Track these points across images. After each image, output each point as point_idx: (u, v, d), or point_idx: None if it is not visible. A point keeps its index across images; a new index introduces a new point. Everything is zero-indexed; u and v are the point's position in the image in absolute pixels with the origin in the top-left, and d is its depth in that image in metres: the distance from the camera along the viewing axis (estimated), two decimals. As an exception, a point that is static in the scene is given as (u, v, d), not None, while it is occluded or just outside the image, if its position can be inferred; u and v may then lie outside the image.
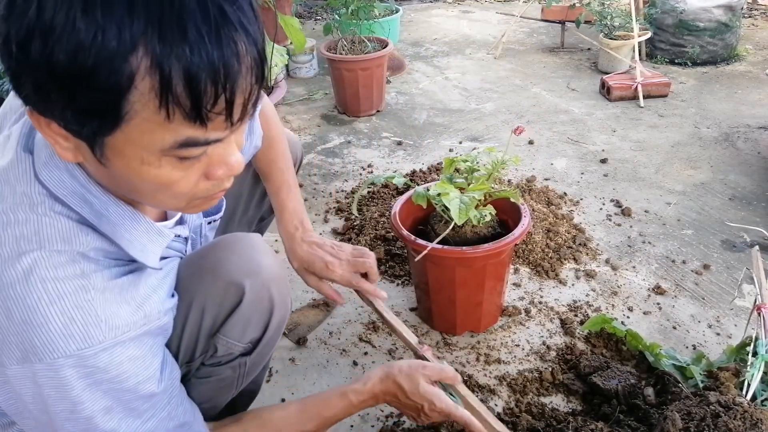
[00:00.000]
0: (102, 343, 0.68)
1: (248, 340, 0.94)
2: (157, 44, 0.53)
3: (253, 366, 1.00)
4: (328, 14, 4.43)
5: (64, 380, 0.67)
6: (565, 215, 2.13)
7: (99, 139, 0.60)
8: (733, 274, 1.83)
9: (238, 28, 0.56)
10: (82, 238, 0.70)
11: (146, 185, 0.65)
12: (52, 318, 0.65)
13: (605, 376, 1.41)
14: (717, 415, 1.11)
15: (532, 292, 1.79)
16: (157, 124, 0.58)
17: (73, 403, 0.68)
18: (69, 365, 0.66)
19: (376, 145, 2.79)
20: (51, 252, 0.67)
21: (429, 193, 1.48)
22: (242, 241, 0.94)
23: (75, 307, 0.67)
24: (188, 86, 0.55)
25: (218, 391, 0.98)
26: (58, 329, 0.65)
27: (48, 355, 0.65)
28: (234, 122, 0.61)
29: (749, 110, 2.95)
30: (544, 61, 3.80)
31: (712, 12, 3.49)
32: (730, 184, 2.32)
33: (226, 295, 0.89)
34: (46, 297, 0.65)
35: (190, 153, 0.62)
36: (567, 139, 2.75)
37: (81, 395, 0.68)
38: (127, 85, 0.55)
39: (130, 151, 0.61)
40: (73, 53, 0.53)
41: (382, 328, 1.67)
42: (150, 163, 0.62)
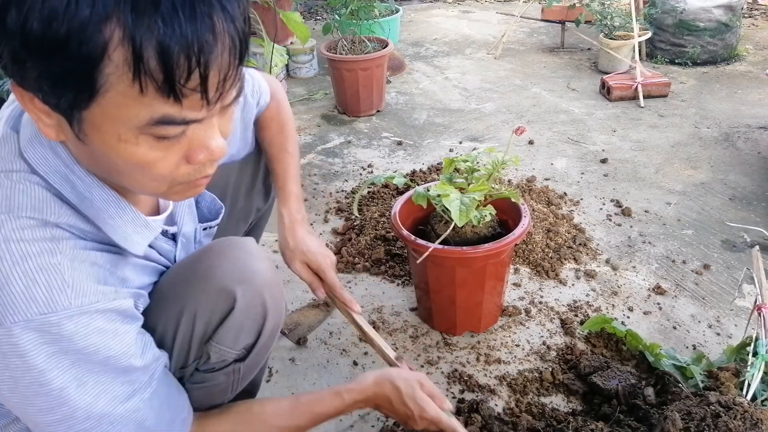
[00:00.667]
0: (67, 309, 0.64)
1: (241, 347, 0.93)
2: (129, 15, 0.53)
3: (247, 371, 0.99)
4: (328, 14, 4.43)
5: (27, 347, 0.63)
6: (565, 215, 2.13)
7: (76, 113, 0.60)
8: (733, 274, 1.83)
9: (215, 4, 0.56)
10: (55, 209, 0.68)
11: (124, 164, 0.64)
12: (13, 279, 0.63)
13: (605, 376, 1.41)
14: (717, 415, 1.11)
15: (532, 292, 1.79)
16: (131, 98, 0.57)
17: (40, 372, 0.65)
18: (31, 329, 0.63)
19: (376, 145, 2.79)
20: (18, 216, 0.65)
21: (429, 194, 1.48)
22: (235, 246, 0.93)
23: (39, 269, 0.64)
24: (160, 59, 0.55)
25: (213, 396, 0.97)
26: (20, 291, 0.63)
27: (8, 318, 0.62)
28: (210, 100, 0.61)
29: (749, 110, 2.95)
30: (544, 61, 3.80)
31: (712, 12, 3.49)
32: (730, 184, 2.32)
33: (217, 302, 0.88)
34: (9, 257, 0.63)
35: (167, 132, 0.62)
36: (567, 139, 2.75)
37: (46, 364, 0.65)
38: (100, 55, 0.55)
39: (107, 126, 0.60)
40: (46, 21, 0.54)
41: (382, 328, 1.67)
42: (127, 140, 0.61)
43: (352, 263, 1.93)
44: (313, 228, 2.15)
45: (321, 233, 2.12)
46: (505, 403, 1.42)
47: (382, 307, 1.75)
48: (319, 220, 2.20)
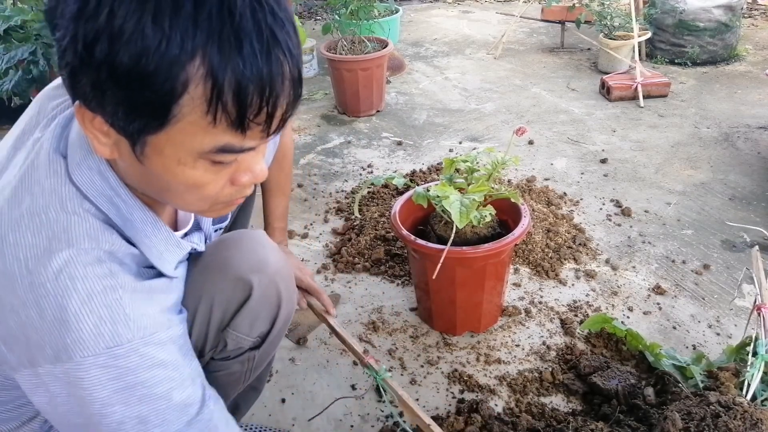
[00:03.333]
0: (131, 342, 0.68)
1: (257, 334, 0.97)
2: (215, 55, 0.58)
3: (260, 360, 1.02)
4: (327, 14, 4.43)
5: (94, 380, 0.67)
6: (565, 215, 2.13)
7: (142, 137, 0.63)
8: (733, 274, 1.83)
9: (285, 50, 0.61)
10: (108, 237, 0.72)
11: (178, 185, 0.68)
12: (82, 317, 0.66)
13: (605, 376, 1.41)
14: (717, 415, 1.11)
15: (532, 292, 1.79)
16: (201, 128, 0.61)
17: (103, 405, 0.68)
18: (99, 365, 0.67)
19: (376, 145, 2.79)
20: (79, 250, 0.68)
21: (429, 194, 1.48)
22: (247, 238, 0.97)
23: (104, 306, 0.67)
24: (237, 96, 0.59)
25: (227, 385, 1.00)
26: (89, 328, 0.66)
27: (78, 354, 0.66)
28: (270, 133, 0.66)
29: (749, 110, 2.95)
30: (544, 61, 3.80)
31: (712, 12, 3.49)
32: (730, 184, 2.33)
33: (234, 291, 0.92)
34: (76, 296, 0.66)
35: (225, 158, 0.66)
36: (567, 139, 2.75)
37: (111, 398, 0.68)
38: (181, 91, 0.59)
39: (169, 150, 0.64)
40: (137, 57, 0.57)
41: (382, 328, 1.67)
42: (186, 163, 0.66)
43: (352, 263, 1.93)
44: (313, 228, 2.15)
45: (321, 233, 2.12)
46: (505, 403, 1.42)
47: (382, 307, 1.75)
48: (319, 220, 2.20)
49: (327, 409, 1.42)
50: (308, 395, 1.47)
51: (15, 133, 0.80)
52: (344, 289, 1.84)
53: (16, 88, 2.13)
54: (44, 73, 2.15)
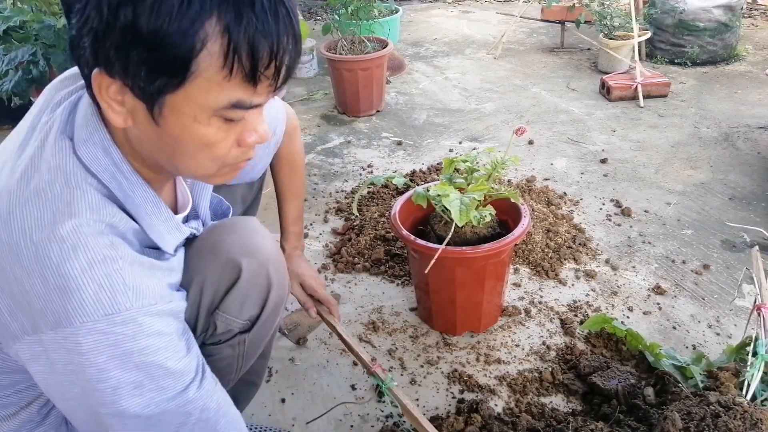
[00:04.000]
0: (129, 310, 0.70)
1: (246, 317, 0.98)
2: (230, 12, 0.63)
3: (251, 346, 1.02)
4: (327, 14, 4.43)
5: (92, 345, 0.69)
6: (565, 215, 2.13)
7: (161, 97, 0.68)
8: (732, 274, 1.83)
9: (288, 8, 0.67)
10: (109, 210, 0.74)
11: (192, 144, 0.72)
12: (83, 285, 0.69)
13: (605, 376, 1.41)
14: (717, 415, 1.11)
15: (532, 292, 1.79)
16: (216, 84, 0.66)
17: (99, 371, 0.70)
18: (97, 330, 0.69)
19: (376, 145, 2.79)
20: (81, 222, 0.71)
21: (429, 194, 1.48)
22: (240, 223, 0.99)
23: (104, 275, 0.70)
24: (251, 50, 0.65)
25: (219, 372, 0.99)
26: (89, 296, 0.69)
27: (77, 319, 0.68)
28: (276, 87, 0.71)
29: (749, 110, 2.95)
30: (544, 61, 3.80)
31: (712, 12, 3.49)
32: (730, 184, 2.33)
33: (224, 272, 0.93)
34: (78, 265, 0.69)
35: (236, 114, 0.71)
36: (567, 139, 2.75)
37: (108, 363, 0.70)
38: (200, 47, 0.64)
39: (186, 108, 0.69)
40: (160, 17, 0.62)
41: (382, 328, 1.67)
42: (201, 121, 0.70)
43: (352, 263, 1.93)
44: (313, 228, 2.15)
45: (321, 233, 2.12)
46: (504, 403, 1.42)
47: (381, 307, 1.75)
48: (318, 220, 2.20)
49: (327, 413, 1.42)
50: (308, 395, 1.47)
51: (26, 123, 0.82)
52: (344, 289, 1.84)
53: (16, 89, 2.13)
54: (44, 74, 2.14)
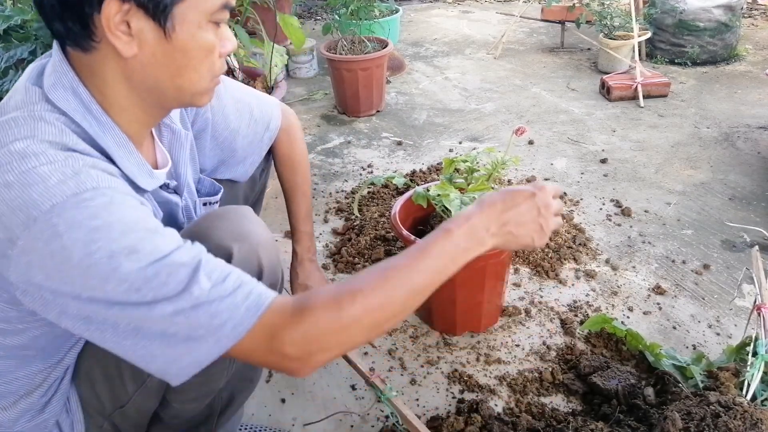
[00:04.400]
0: (96, 189, 0.70)
1: None
2: None
3: None
4: (327, 14, 4.43)
5: (68, 223, 0.67)
6: (565, 215, 2.13)
7: (171, 9, 0.75)
8: (733, 274, 1.83)
9: None
10: (74, 139, 0.75)
11: (197, 53, 0.80)
12: (46, 176, 0.69)
13: (605, 376, 1.41)
14: (717, 415, 1.11)
15: (532, 292, 1.79)
16: None
17: (85, 245, 0.67)
18: (69, 206, 0.68)
19: (376, 145, 2.79)
20: (42, 140, 0.73)
21: (429, 194, 1.48)
22: (233, 211, 0.99)
23: (67, 167, 0.71)
24: None
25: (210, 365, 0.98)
26: (53, 182, 0.69)
27: (46, 202, 0.67)
28: None
29: (749, 110, 2.95)
30: (544, 61, 3.80)
31: (712, 12, 3.49)
32: (730, 184, 2.33)
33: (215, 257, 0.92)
34: (37, 161, 0.70)
35: (223, 15, 0.81)
36: (567, 139, 2.75)
37: (91, 235, 0.68)
38: None
39: (192, 15, 0.77)
40: None
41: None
42: (203, 27, 0.79)
43: (352, 263, 1.93)
44: (314, 228, 2.15)
45: (321, 233, 2.12)
46: (505, 403, 1.42)
47: (382, 307, 1.75)
48: (319, 220, 2.20)
49: (327, 418, 1.42)
50: (308, 395, 1.47)
51: None
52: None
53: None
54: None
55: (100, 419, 0.98)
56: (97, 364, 0.95)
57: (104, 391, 0.96)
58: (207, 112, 1.10)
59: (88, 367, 0.95)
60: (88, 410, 0.97)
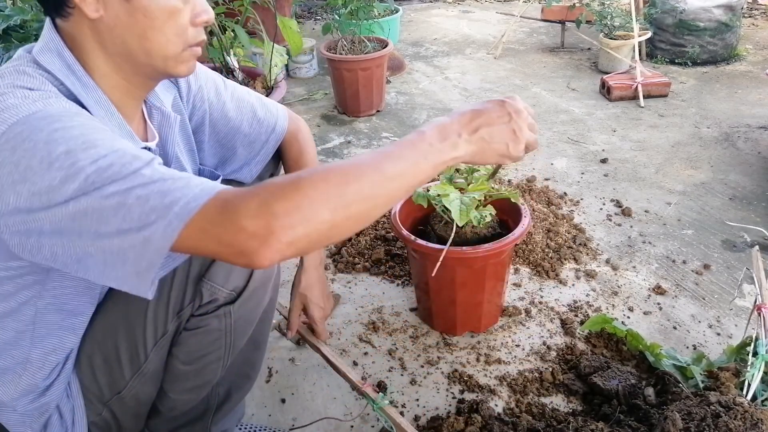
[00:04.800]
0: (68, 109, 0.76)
1: (232, 287, 0.96)
2: None
3: (239, 323, 1.01)
4: (327, 14, 4.43)
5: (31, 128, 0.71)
6: (566, 215, 2.13)
7: None
8: (733, 274, 1.83)
9: None
10: (54, 91, 0.79)
11: (159, 14, 0.81)
12: (17, 101, 0.74)
13: (605, 376, 1.41)
14: (717, 415, 1.11)
15: (533, 293, 1.79)
16: None
17: (46, 144, 0.70)
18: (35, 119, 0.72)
19: (376, 145, 2.79)
20: (22, 86, 0.77)
21: (429, 194, 1.48)
22: None
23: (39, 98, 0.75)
24: None
25: (207, 347, 1.00)
26: (23, 104, 0.74)
27: (14, 117, 0.72)
28: None
29: (749, 110, 2.95)
30: (544, 61, 3.80)
31: (712, 12, 3.49)
32: (730, 184, 2.32)
33: None
34: (12, 96, 0.75)
35: None
36: (567, 139, 2.75)
37: (52, 136, 0.71)
38: None
39: None
40: None
41: (382, 328, 1.67)
42: None
43: (352, 263, 1.93)
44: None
45: (321, 233, 2.12)
46: (505, 403, 1.42)
47: (382, 307, 1.75)
48: (319, 220, 2.20)
49: (323, 419, 1.42)
50: (308, 395, 1.47)
51: None
52: (344, 289, 1.84)
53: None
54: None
55: (99, 406, 0.99)
56: (97, 350, 0.96)
57: (103, 377, 0.97)
58: (204, 104, 1.10)
59: (89, 352, 0.96)
60: (87, 396, 0.98)
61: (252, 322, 1.06)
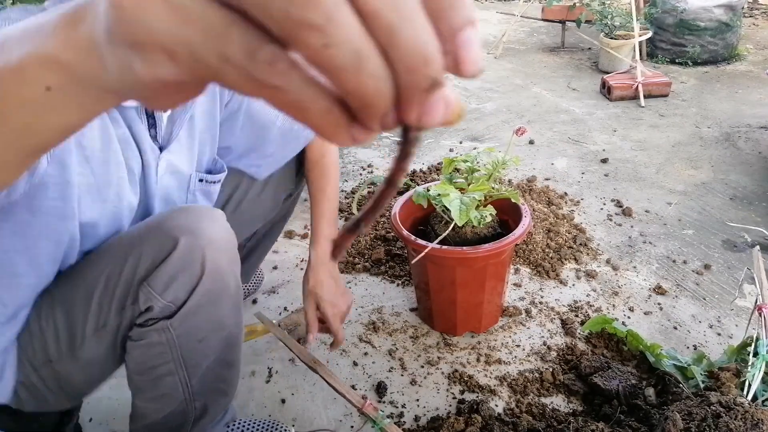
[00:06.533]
0: None
1: (170, 299, 0.93)
2: None
3: (184, 339, 0.98)
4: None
5: None
6: (566, 215, 2.13)
7: None
8: (734, 274, 1.83)
9: None
10: None
11: None
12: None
13: (606, 376, 1.40)
14: (718, 416, 1.11)
15: (533, 293, 1.79)
16: None
17: None
18: None
19: (376, 145, 2.79)
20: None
21: (429, 194, 1.48)
22: (198, 209, 0.98)
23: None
24: None
25: (153, 359, 0.99)
26: None
27: None
28: None
29: (750, 110, 2.95)
30: (545, 61, 3.80)
31: (713, 11, 3.49)
32: (731, 184, 2.32)
33: (160, 244, 0.92)
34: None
35: None
36: (567, 139, 2.75)
37: None
38: None
39: None
40: None
41: (382, 328, 1.67)
42: None
43: (352, 263, 1.93)
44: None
45: (321, 233, 2.12)
46: (505, 403, 1.42)
47: (382, 307, 1.75)
48: (319, 220, 2.20)
49: (325, 420, 1.42)
50: (308, 396, 1.47)
51: None
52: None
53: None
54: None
55: (29, 368, 0.99)
56: (43, 316, 0.96)
57: (38, 342, 0.97)
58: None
59: (36, 315, 0.97)
60: (21, 356, 0.98)
61: (205, 341, 1.01)
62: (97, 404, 1.44)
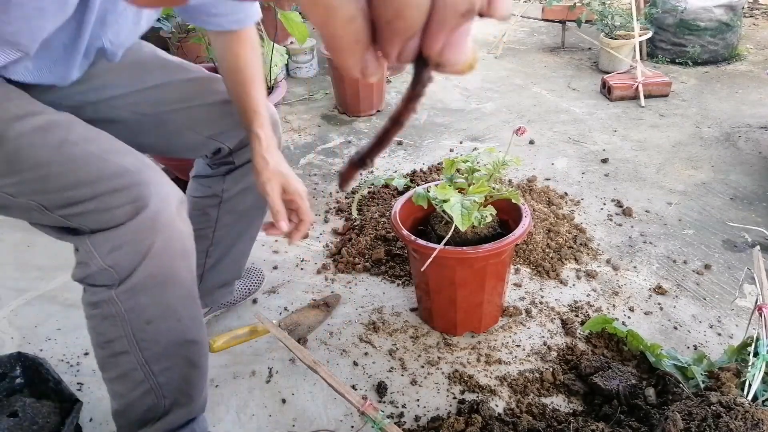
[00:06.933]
0: None
1: (109, 264, 0.94)
2: None
3: (134, 316, 0.99)
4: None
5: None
6: (566, 215, 2.13)
7: None
8: (734, 274, 1.83)
9: None
10: None
11: None
12: None
13: (606, 376, 1.40)
14: (718, 416, 1.11)
15: (533, 293, 1.79)
16: None
17: None
18: None
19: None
20: None
21: (429, 194, 1.48)
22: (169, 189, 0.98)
23: None
24: None
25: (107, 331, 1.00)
26: None
27: None
28: None
29: (750, 110, 2.95)
30: (545, 61, 3.80)
31: (713, 11, 3.49)
32: (731, 184, 2.32)
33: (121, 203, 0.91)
34: None
35: None
36: (568, 139, 2.75)
37: None
38: None
39: None
40: None
41: (382, 328, 1.67)
42: None
43: (352, 263, 1.93)
44: (313, 228, 2.15)
45: (321, 233, 2.12)
46: (505, 403, 1.42)
47: (382, 307, 1.75)
48: (319, 220, 2.20)
49: (325, 420, 1.42)
50: (308, 396, 1.47)
51: None
52: (344, 289, 1.84)
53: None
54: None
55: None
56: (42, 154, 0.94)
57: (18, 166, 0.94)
58: None
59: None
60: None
61: (153, 323, 1.02)
62: (97, 404, 1.44)
